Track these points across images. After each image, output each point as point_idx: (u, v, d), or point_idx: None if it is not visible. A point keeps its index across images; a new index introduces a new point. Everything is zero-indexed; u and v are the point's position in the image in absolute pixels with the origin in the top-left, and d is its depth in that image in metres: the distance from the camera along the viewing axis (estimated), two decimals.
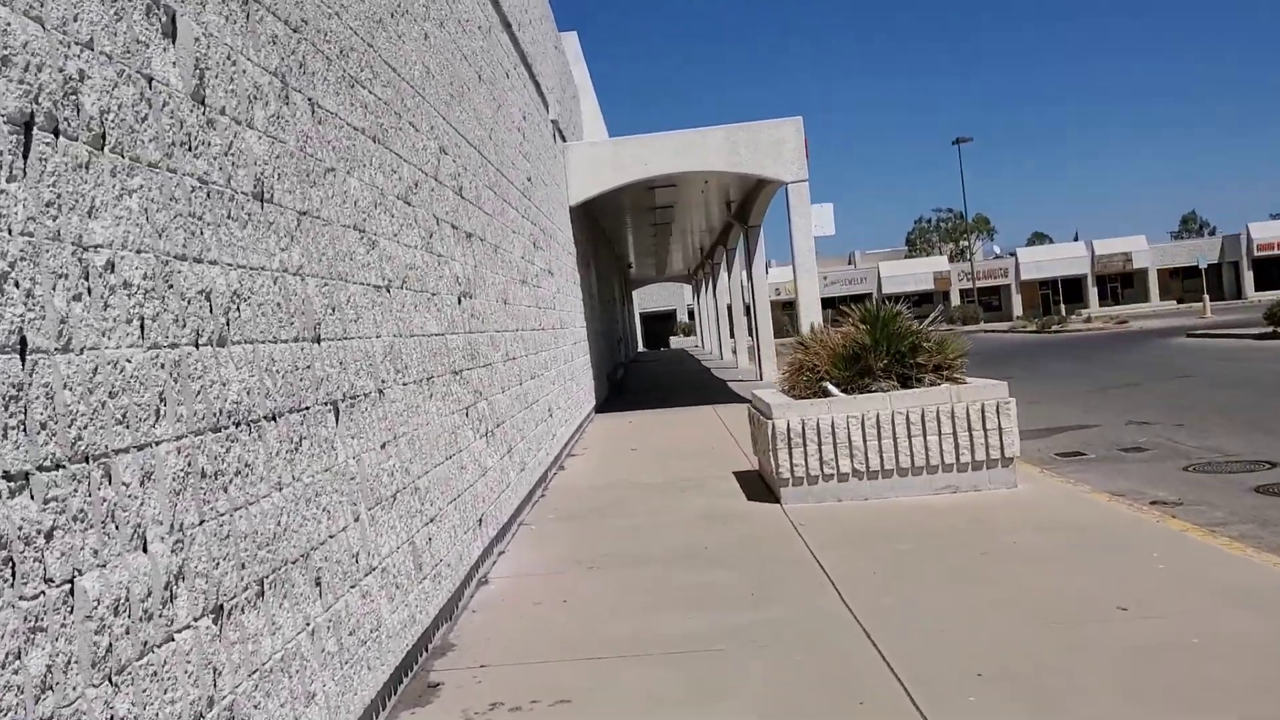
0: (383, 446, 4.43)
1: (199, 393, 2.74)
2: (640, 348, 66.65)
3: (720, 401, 18.62)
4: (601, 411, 18.39)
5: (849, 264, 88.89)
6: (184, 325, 2.71)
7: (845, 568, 6.00)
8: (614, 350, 28.34)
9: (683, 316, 78.87)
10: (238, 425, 2.96)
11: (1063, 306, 75.00)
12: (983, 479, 8.11)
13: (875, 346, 8.61)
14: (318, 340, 3.73)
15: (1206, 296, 50.10)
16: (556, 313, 12.78)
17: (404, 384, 4.90)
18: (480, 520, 6.44)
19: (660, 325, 76.73)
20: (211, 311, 2.88)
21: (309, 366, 3.60)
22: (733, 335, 36.62)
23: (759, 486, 9.02)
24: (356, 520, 3.96)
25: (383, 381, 4.53)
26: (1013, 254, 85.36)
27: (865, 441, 8.14)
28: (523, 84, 11.59)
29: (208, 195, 2.95)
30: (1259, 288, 74.85)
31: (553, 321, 12.24)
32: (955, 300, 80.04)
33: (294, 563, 3.27)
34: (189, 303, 2.75)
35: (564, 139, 16.85)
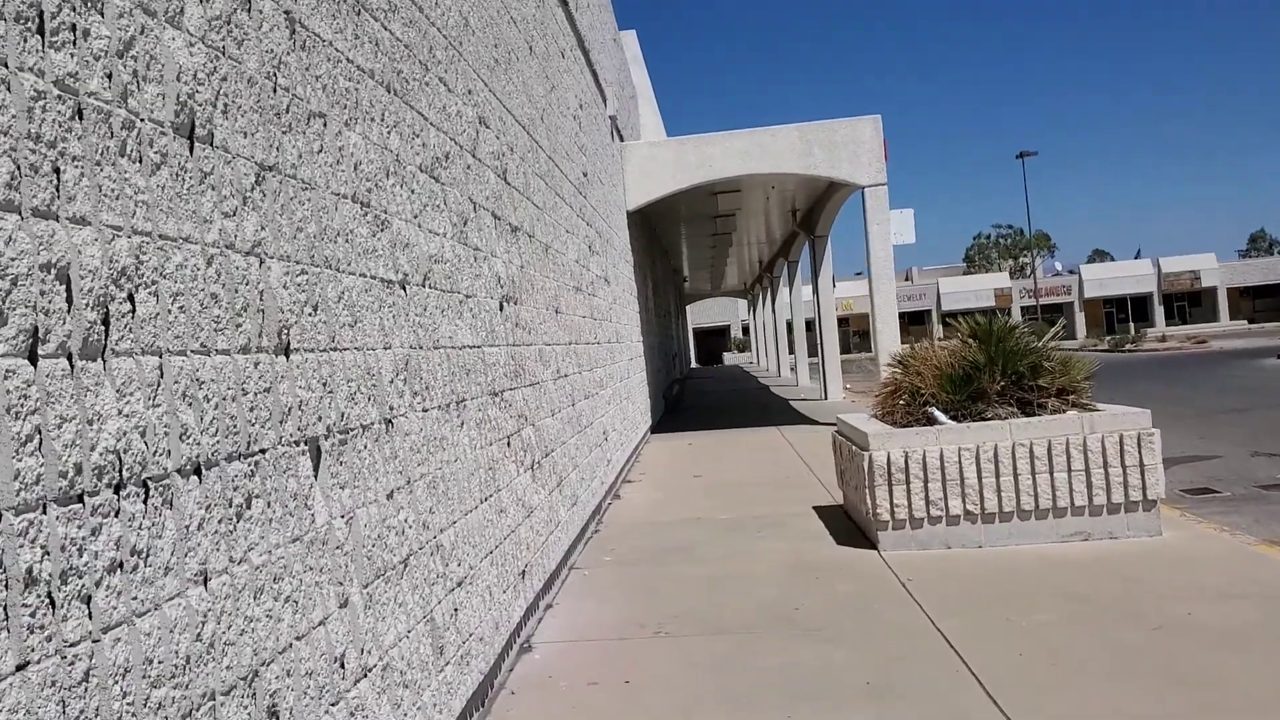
0: (390, 496, 3.28)
1: (28, 440, 1.60)
2: (693, 363, 65.39)
3: (785, 423, 17.34)
4: (657, 432, 17.19)
5: (906, 280, 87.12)
6: (5, 323, 1.58)
7: (981, 647, 4.73)
8: (670, 366, 27.15)
9: (736, 332, 77.48)
10: (117, 489, 1.81)
11: (1131, 325, 72.54)
12: (1119, 525, 6.79)
13: (990, 366, 7.33)
14: (285, 352, 2.59)
15: None
16: (613, 325, 11.63)
17: (424, 410, 3.75)
18: (524, 572, 5.27)
19: (714, 341, 75.41)
20: (70, 302, 1.74)
21: (268, 390, 2.46)
22: (792, 352, 35.27)
23: (848, 527, 7.76)
24: (344, 605, 2.81)
25: (392, 408, 3.38)
26: (1074, 271, 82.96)
27: (980, 478, 6.86)
28: (580, 70, 10.48)
29: (75, 114, 1.81)
30: None
31: (609, 335, 11.09)
32: (1016, 318, 77.80)
33: (229, 692, 2.12)
34: (18, 285, 1.61)
35: (621, 139, 15.73)
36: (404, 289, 3.66)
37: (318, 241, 2.90)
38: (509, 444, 5.21)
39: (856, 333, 72.98)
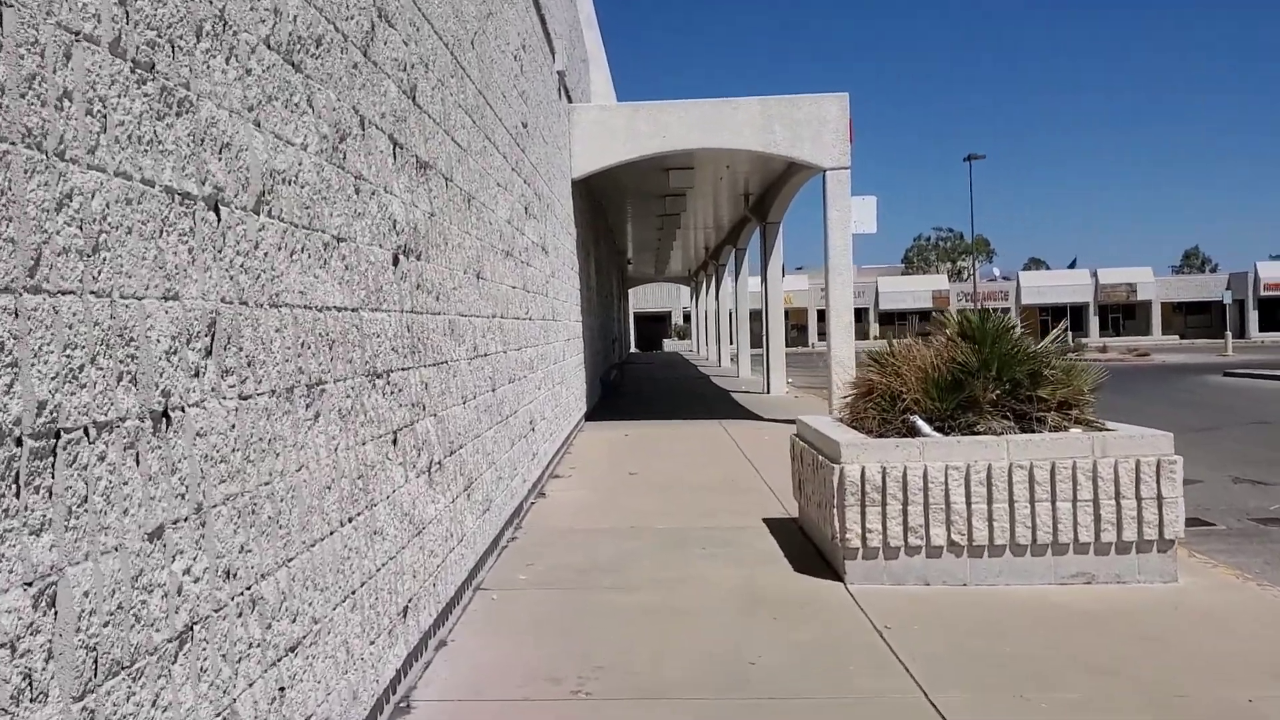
0: (154, 535, 2.04)
1: None
2: (633, 348, 64.20)
3: (727, 416, 16.25)
4: (593, 419, 15.99)
5: None
6: None
7: None
8: (610, 350, 25.95)
9: (677, 319, 76.48)
10: None
11: (1069, 334, 72.79)
12: (1128, 567, 5.76)
13: (983, 371, 6.25)
14: None
15: (1229, 334, 47.95)
16: (549, 300, 10.39)
17: (241, 397, 2.51)
18: (407, 609, 4.05)
19: (654, 327, 74.33)
20: None
21: None
22: (733, 342, 34.24)
23: (805, 548, 6.65)
24: None
25: (168, 394, 2.14)
26: (1010, 278, 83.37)
27: (969, 503, 5.78)
28: (525, 6, 9.19)
29: None
30: (1264, 328, 72.98)
31: (544, 310, 9.85)
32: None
33: None
34: None
35: (570, 100, 14.44)
36: (215, 211, 2.41)
37: (15, 101, 1.65)
38: (395, 442, 3.97)
39: (795, 327, 72.38)
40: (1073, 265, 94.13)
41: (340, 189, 3.41)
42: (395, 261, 4.10)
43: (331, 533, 3.16)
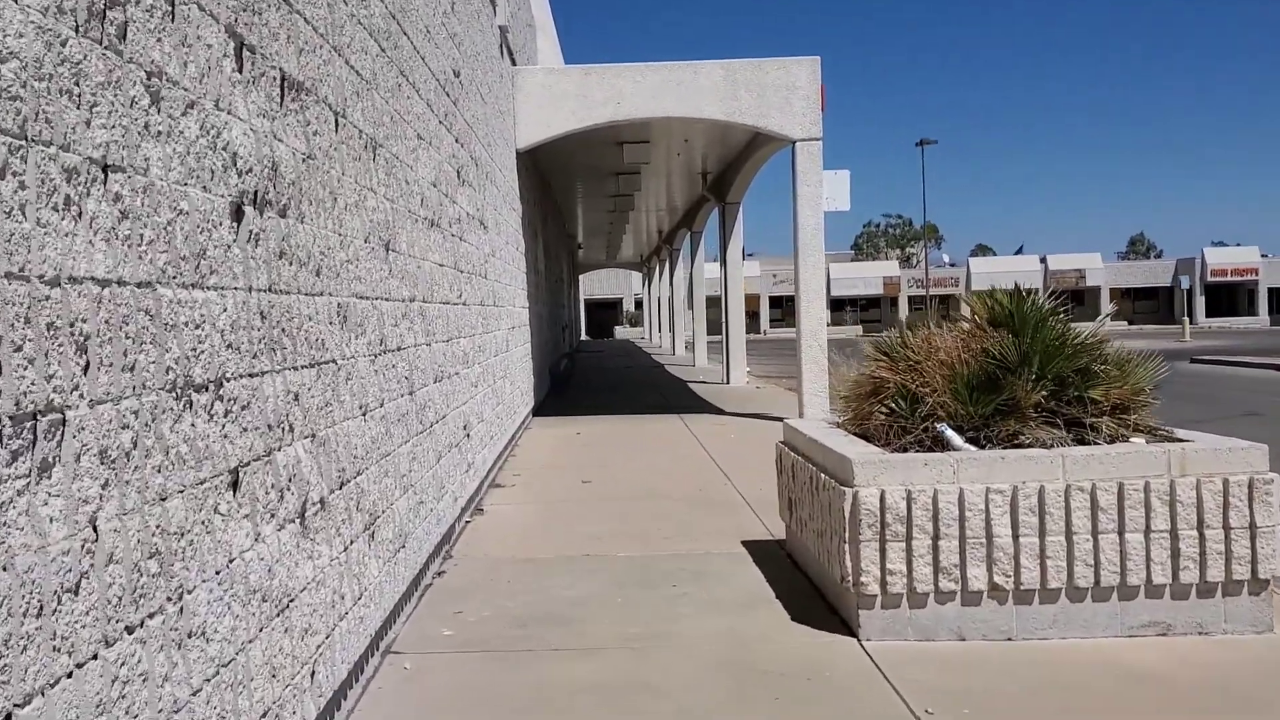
0: None
1: None
2: (584, 335, 62.76)
3: (687, 410, 15.00)
4: (541, 415, 14.65)
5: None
6: None
7: None
8: (560, 338, 24.57)
9: (629, 306, 75.16)
10: None
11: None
12: (1212, 613, 4.58)
13: (1024, 366, 5.03)
14: None
15: (1187, 320, 47.65)
16: (489, 284, 9.04)
17: None
18: None
19: (605, 314, 72.95)
20: None
21: None
22: (688, 329, 33.01)
23: (800, 585, 5.41)
24: None
25: None
26: (956, 264, 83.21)
27: (1016, 536, 4.56)
28: None
29: None
30: (1209, 313, 73.39)
31: (483, 295, 8.50)
32: (904, 307, 77.82)
33: None
34: None
35: (514, 62, 13.03)
36: None
37: None
38: (235, 485, 2.63)
39: (747, 313, 71.44)
40: (1019, 252, 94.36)
41: (110, 83, 2.06)
42: (236, 215, 2.75)
43: (79, 666, 1.83)
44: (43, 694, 1.72)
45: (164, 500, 2.23)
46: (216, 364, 2.56)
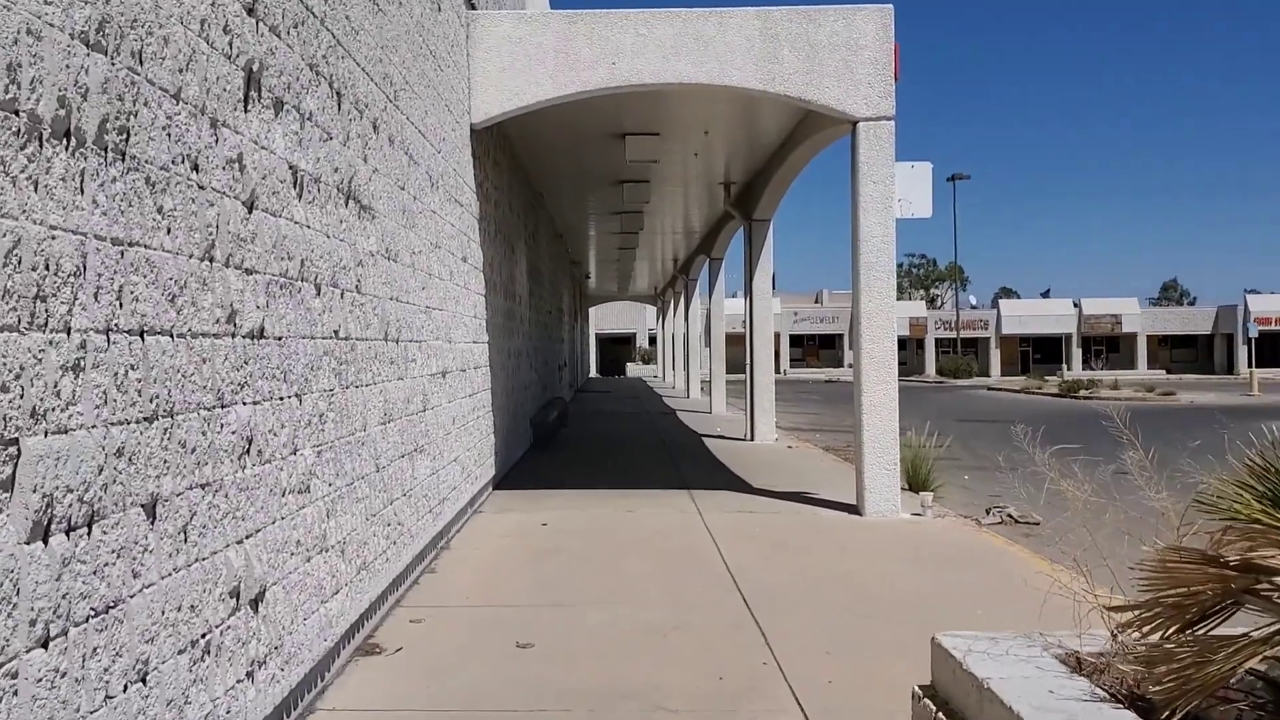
0: None
1: None
2: (593, 373, 59.08)
3: (700, 480, 11.26)
4: (506, 485, 10.93)
5: (816, 302, 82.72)
6: None
7: None
8: (552, 381, 20.85)
9: (642, 341, 71.37)
10: None
11: (1063, 367, 68.73)
12: None
13: None
14: None
15: (1253, 370, 43.59)
16: (379, 304, 5.42)
17: None
18: None
19: (617, 349, 69.26)
20: None
21: None
22: (702, 367, 29.38)
23: None
24: None
25: None
26: (977, 306, 79.53)
27: None
28: None
29: None
30: (1258, 363, 69.19)
31: (353, 322, 4.87)
32: (931, 351, 73.90)
33: None
34: None
35: (473, 5, 9.46)
36: None
37: None
38: None
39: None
40: (1046, 295, 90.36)
41: None
42: None
43: None
44: None
45: None
46: None
